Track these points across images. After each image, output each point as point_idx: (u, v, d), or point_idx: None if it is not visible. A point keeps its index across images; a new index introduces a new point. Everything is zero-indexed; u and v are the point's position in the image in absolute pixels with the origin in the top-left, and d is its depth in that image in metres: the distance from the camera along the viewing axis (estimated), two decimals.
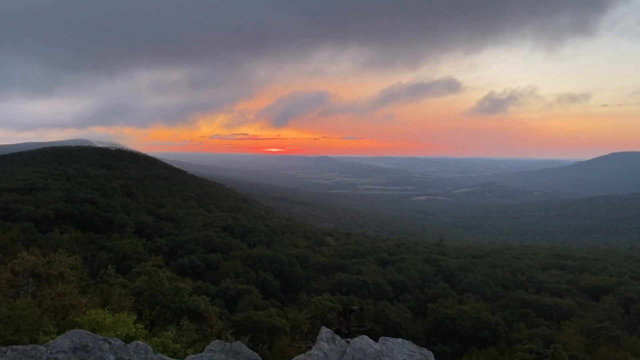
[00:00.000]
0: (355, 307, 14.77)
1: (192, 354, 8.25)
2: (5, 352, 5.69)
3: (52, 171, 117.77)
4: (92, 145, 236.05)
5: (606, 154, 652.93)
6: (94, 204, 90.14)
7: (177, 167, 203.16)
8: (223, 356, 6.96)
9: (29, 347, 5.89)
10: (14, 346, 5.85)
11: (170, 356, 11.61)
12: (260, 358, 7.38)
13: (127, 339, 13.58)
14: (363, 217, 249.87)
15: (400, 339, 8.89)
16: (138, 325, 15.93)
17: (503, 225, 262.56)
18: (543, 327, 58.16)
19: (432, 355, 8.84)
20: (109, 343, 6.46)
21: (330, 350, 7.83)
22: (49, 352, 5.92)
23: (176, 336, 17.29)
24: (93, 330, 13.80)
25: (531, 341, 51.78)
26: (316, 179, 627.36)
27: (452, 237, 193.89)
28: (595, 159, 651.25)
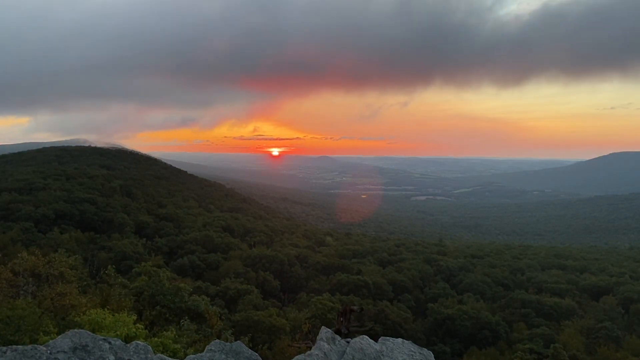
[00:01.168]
0: (355, 307, 14.75)
1: (192, 354, 8.25)
2: (5, 352, 5.70)
3: (52, 171, 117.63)
4: (91, 146, 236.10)
5: (606, 154, 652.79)
6: (94, 204, 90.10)
7: (178, 167, 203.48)
8: (223, 356, 6.96)
9: (29, 347, 5.89)
10: (14, 346, 5.86)
11: (170, 356, 11.61)
12: (260, 358, 7.38)
13: (127, 339, 13.57)
14: (363, 217, 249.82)
15: (400, 339, 8.90)
16: (138, 325, 15.90)
17: (503, 225, 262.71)
18: (543, 327, 58.14)
19: (432, 355, 8.85)
20: (109, 343, 6.46)
21: (330, 350, 7.83)
22: (49, 352, 5.93)
23: (176, 336, 17.28)
24: (93, 330, 13.80)
25: (531, 341, 51.77)
26: (316, 179, 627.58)
27: (452, 237, 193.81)
28: (595, 159, 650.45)
